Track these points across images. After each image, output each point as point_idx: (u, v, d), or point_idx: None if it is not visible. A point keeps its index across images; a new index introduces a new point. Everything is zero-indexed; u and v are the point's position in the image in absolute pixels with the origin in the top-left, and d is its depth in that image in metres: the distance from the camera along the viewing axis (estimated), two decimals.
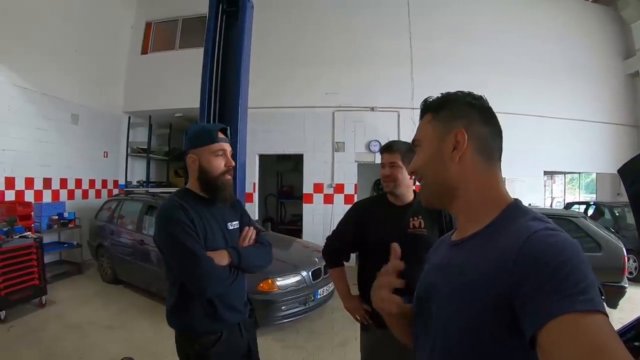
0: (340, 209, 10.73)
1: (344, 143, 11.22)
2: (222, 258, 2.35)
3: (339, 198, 11.16)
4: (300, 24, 11.62)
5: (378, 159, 10.88)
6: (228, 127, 2.64)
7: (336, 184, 11.17)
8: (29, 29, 9.01)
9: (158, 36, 13.08)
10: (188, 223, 2.29)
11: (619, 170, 2.48)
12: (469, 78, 9.61)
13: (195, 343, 2.43)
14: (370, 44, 11.27)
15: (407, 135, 10.52)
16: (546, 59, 11.56)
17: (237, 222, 2.67)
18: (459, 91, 1.32)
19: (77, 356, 5.34)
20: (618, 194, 12.85)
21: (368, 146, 11.03)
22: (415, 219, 2.85)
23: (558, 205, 14.33)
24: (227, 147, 2.54)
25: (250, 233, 2.64)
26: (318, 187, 11.29)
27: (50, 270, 8.57)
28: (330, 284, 6.49)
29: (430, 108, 1.34)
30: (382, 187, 2.99)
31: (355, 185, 11.20)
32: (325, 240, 3.25)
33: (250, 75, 3.80)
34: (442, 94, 1.34)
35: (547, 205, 12.38)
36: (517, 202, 1.20)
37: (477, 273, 1.06)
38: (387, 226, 2.81)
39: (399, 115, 11.04)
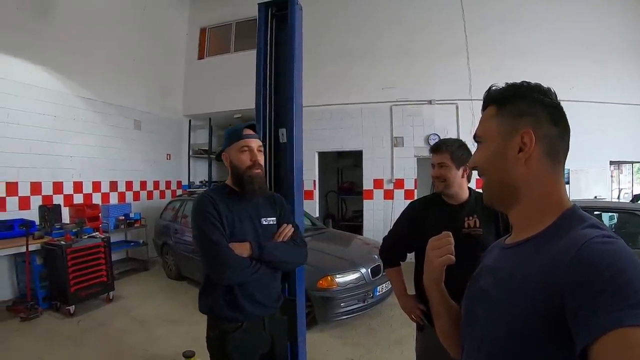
0: (400, 204, 10.32)
1: (402, 138, 10.98)
2: (242, 249, 2.46)
3: (399, 194, 10.95)
4: (351, 20, 11.47)
5: None
6: (255, 124, 2.80)
7: (396, 180, 10.96)
8: (90, 43, 9.48)
9: (213, 41, 13.45)
10: (214, 214, 2.46)
11: None
12: (527, 65, 9.12)
13: (216, 327, 2.60)
14: (423, 35, 10.92)
15: (466, 129, 10.32)
16: (608, 41, 10.55)
17: (273, 218, 2.76)
18: (525, 82, 1.22)
19: (141, 348, 5.51)
20: None
21: (427, 140, 10.65)
22: (470, 218, 2.78)
23: (626, 197, 13.67)
24: (253, 142, 2.64)
25: (287, 230, 2.73)
26: (378, 183, 11.14)
27: (118, 267, 8.99)
28: (389, 281, 6.41)
29: (495, 100, 1.25)
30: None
31: (415, 180, 10.93)
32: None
33: (305, 74, 3.78)
34: (507, 84, 1.25)
35: (614, 198, 11.74)
36: (574, 208, 1.13)
37: (527, 279, 1.01)
38: (442, 226, 2.68)
39: (457, 108, 10.65)
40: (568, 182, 10.23)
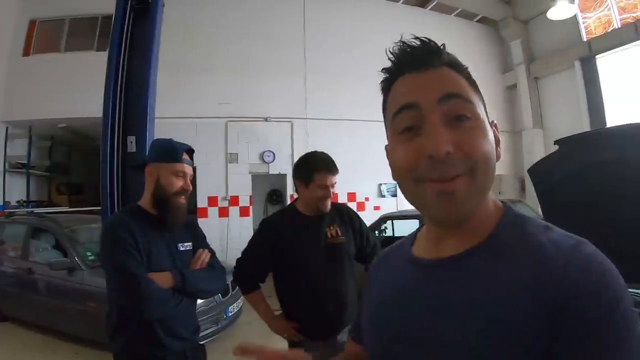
0: (236, 222, 10.75)
1: (237, 154, 11.07)
2: (165, 280, 2.22)
3: (234, 211, 10.95)
4: (190, 30, 11.08)
5: (272, 169, 10.91)
6: (194, 150, 2.57)
7: (231, 196, 10.94)
8: None
9: (42, 36, 11.83)
10: (130, 241, 2.19)
11: (528, 171, 2.82)
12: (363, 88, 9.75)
13: None
14: (263, 53, 11.13)
15: (300, 146, 10.69)
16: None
17: (189, 243, 2.54)
18: None
19: None
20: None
21: (262, 157, 11.02)
22: (331, 227, 2.80)
23: None
24: (189, 170, 2.44)
25: (204, 256, 2.50)
26: (212, 200, 10.96)
27: None
28: (239, 299, 6.21)
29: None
30: (275, 199, 2.90)
31: (250, 197, 11.08)
32: (235, 264, 2.98)
33: None
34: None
35: None
36: (508, 206, 0.91)
37: (497, 308, 0.75)
38: (304, 239, 2.75)
39: (292, 125, 11.08)
40: (395, 195, 11.00)
